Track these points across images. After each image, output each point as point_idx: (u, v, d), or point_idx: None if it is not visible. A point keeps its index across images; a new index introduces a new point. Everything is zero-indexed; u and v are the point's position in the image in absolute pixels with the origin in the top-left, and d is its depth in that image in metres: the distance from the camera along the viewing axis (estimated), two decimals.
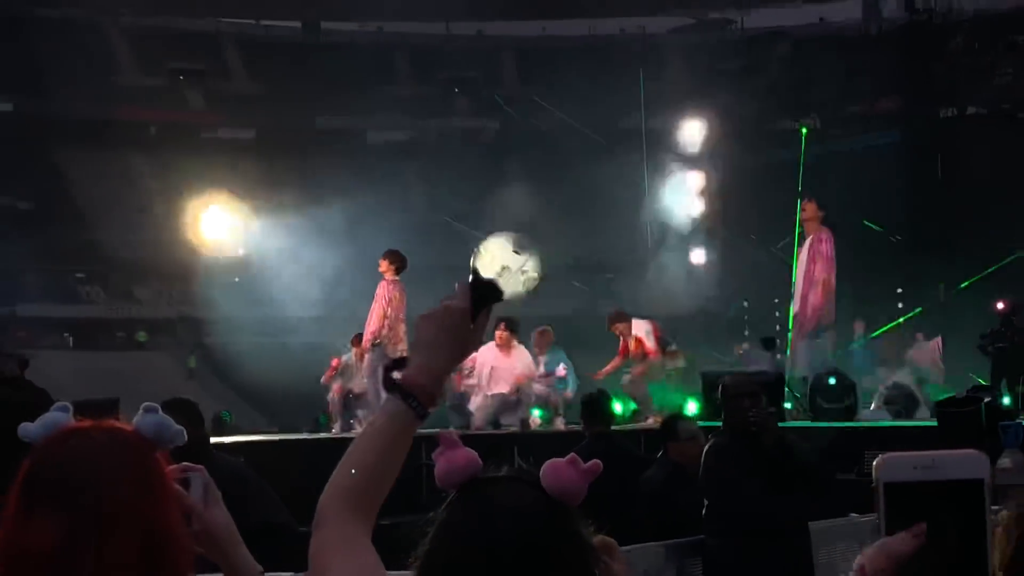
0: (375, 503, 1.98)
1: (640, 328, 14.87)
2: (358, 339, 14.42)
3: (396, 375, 2.01)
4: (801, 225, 13.98)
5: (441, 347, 2.01)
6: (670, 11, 43.71)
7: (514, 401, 13.70)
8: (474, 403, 13.80)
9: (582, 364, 15.68)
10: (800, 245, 13.99)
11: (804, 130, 30.33)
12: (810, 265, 13.39)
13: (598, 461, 1.85)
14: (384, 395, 2.02)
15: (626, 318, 15.15)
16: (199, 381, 34.46)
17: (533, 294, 2.11)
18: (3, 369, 5.82)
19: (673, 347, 15.55)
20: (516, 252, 2.08)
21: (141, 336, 40.95)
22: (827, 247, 13.43)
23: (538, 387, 14.25)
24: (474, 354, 12.80)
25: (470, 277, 2.05)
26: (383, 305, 12.98)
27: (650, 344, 14.70)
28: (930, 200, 33.27)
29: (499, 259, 2.06)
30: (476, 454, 1.83)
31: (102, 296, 42.88)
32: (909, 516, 1.50)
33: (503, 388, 13.60)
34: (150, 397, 3.11)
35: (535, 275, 2.08)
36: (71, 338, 39.89)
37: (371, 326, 13.10)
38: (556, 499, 1.76)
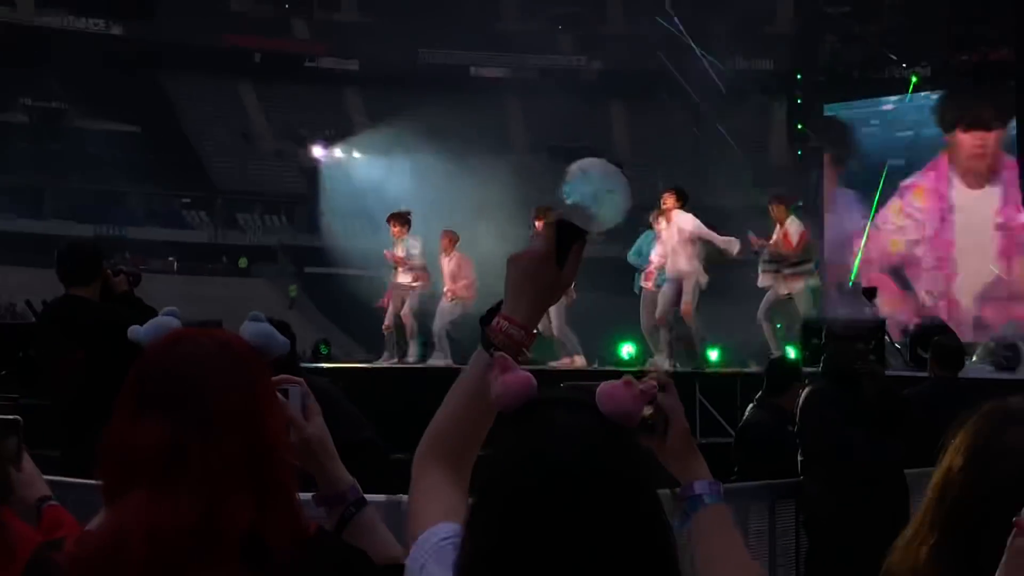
0: (464, 450, 2.01)
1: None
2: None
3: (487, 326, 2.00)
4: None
5: (524, 294, 2.01)
6: None
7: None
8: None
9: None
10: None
11: (915, 79, 29.71)
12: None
13: (654, 383, 1.85)
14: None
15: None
16: (300, 310, 34.82)
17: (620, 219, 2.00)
18: (115, 284, 5.93)
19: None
20: (609, 176, 1.97)
21: (242, 262, 41.39)
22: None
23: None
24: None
25: (556, 217, 1.99)
26: None
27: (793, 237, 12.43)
28: None
29: (592, 182, 1.96)
30: (532, 376, 1.79)
31: (206, 221, 43.47)
32: None
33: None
34: None
35: (623, 200, 1.98)
36: (175, 262, 40.50)
37: None
38: (612, 421, 1.74)
